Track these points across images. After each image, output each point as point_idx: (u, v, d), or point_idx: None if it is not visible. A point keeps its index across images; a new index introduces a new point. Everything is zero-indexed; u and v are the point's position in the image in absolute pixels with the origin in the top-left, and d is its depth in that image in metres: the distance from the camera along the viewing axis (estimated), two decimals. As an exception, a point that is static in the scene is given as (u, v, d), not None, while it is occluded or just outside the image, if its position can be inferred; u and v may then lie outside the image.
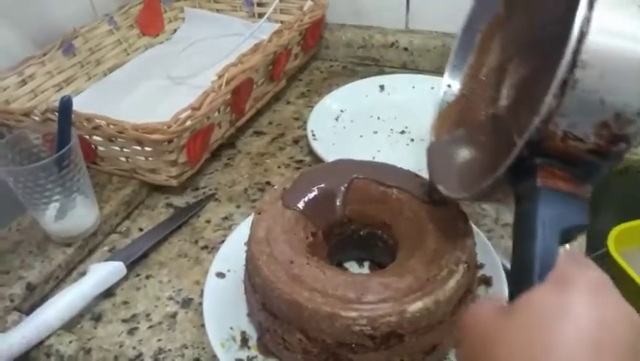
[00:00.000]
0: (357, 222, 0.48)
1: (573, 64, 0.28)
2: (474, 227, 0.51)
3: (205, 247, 0.56)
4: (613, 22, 0.28)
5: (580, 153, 0.30)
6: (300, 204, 0.46)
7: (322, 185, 0.48)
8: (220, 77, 0.61)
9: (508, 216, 0.57)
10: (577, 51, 0.28)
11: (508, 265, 0.50)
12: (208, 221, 0.59)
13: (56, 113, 0.53)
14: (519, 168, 0.31)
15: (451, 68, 0.48)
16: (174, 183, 0.61)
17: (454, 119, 0.48)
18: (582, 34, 0.28)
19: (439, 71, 0.81)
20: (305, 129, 0.69)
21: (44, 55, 0.72)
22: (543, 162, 0.30)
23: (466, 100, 0.48)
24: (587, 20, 0.28)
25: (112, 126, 0.56)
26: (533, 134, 0.30)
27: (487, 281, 0.47)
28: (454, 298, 0.39)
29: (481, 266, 0.48)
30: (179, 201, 0.62)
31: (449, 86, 0.48)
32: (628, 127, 0.29)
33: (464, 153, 0.43)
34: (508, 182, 0.32)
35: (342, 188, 0.48)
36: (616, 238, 0.60)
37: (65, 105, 0.51)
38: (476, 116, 0.45)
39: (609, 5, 0.28)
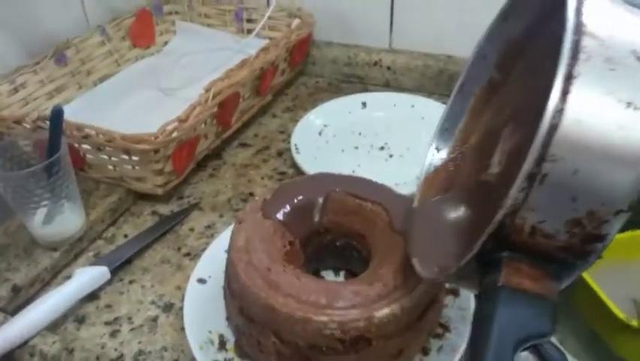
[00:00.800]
0: (333, 232, 0.51)
1: (542, 157, 0.26)
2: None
3: (187, 254, 0.58)
4: (591, 113, 0.26)
5: (550, 250, 0.28)
6: (279, 215, 0.48)
7: (301, 197, 0.50)
8: (207, 90, 0.63)
9: (479, 231, 0.59)
10: (546, 144, 0.25)
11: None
12: (191, 229, 0.62)
13: (47, 122, 0.55)
14: (485, 260, 0.29)
15: (440, 130, 0.45)
16: (160, 191, 0.63)
17: (440, 184, 0.45)
18: (553, 127, 0.25)
19: (419, 90, 0.85)
20: (289, 142, 0.72)
21: (37, 64, 0.74)
22: (510, 257, 0.29)
23: (455, 165, 0.45)
24: (560, 111, 0.25)
25: (101, 135, 0.58)
26: (498, 227, 0.28)
27: (454, 292, 0.49)
28: (420, 305, 0.41)
29: (450, 277, 0.51)
30: (164, 209, 0.64)
31: (437, 149, 0.45)
32: (603, 227, 0.27)
33: (444, 225, 0.40)
34: (474, 273, 0.30)
35: (320, 200, 0.50)
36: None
37: (57, 114, 0.53)
38: (464, 182, 0.42)
39: (589, 94, 0.26)
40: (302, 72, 0.93)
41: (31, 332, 0.49)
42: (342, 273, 0.54)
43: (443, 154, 0.45)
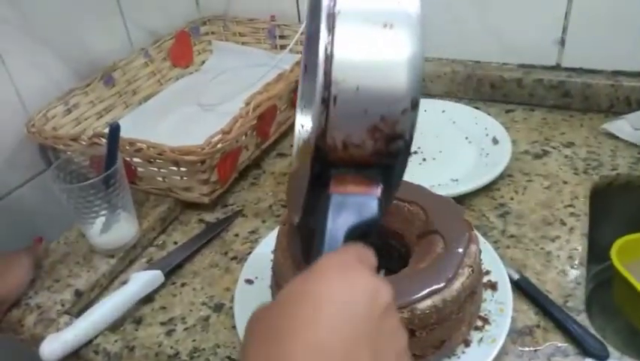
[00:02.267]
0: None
1: (327, 83, 0.31)
2: (481, 237, 0.56)
3: (234, 258, 0.62)
4: (356, 38, 0.31)
5: (366, 157, 0.33)
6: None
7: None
8: (247, 104, 0.67)
9: (514, 229, 0.61)
10: (327, 71, 0.31)
11: (514, 274, 0.54)
12: (236, 235, 0.65)
13: (102, 138, 0.59)
14: (320, 183, 0.34)
15: (300, 108, 0.50)
16: (206, 200, 0.67)
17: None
18: (328, 56, 0.31)
19: (449, 96, 0.87)
20: (324, 151, 0.75)
21: (87, 86, 0.80)
22: (337, 172, 0.33)
23: None
24: (330, 43, 0.31)
25: (152, 149, 0.62)
26: (314, 150, 0.32)
27: (493, 286, 0.51)
28: (460, 297, 0.43)
29: (488, 273, 0.52)
30: (210, 217, 0.68)
31: (302, 125, 0.49)
32: (397, 126, 0.32)
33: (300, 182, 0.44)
34: (316, 198, 0.34)
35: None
36: (619, 251, 0.63)
37: (115, 130, 0.57)
38: None
39: (351, 24, 0.31)
40: (334, 84, 0.96)
41: (95, 332, 0.53)
42: (382, 272, 0.56)
43: (307, 128, 0.49)
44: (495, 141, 0.72)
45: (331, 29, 0.31)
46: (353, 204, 0.33)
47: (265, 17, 0.96)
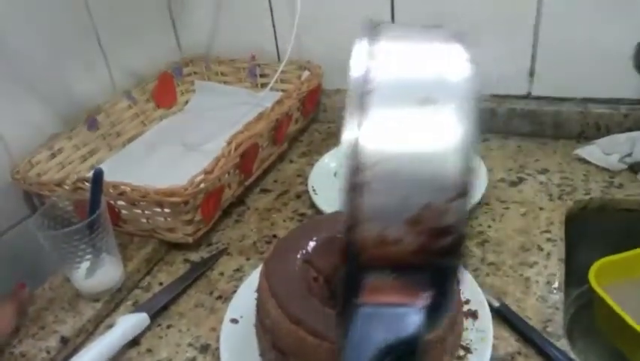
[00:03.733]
0: (354, 266, 0.54)
1: (358, 168, 0.26)
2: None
3: (219, 297, 0.62)
4: (393, 119, 0.27)
5: (408, 257, 0.27)
6: (304, 253, 0.52)
7: (322, 235, 0.54)
8: (229, 143, 0.69)
9: (493, 256, 0.62)
10: (358, 156, 0.26)
11: (494, 302, 0.55)
12: (221, 273, 0.66)
13: (86, 183, 0.60)
14: (353, 287, 0.28)
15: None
16: (190, 240, 0.67)
17: None
18: (355, 140, 0.26)
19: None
20: (307, 185, 0.76)
21: (71, 130, 0.81)
22: (370, 276, 0.28)
23: None
24: (361, 124, 0.27)
25: (135, 192, 0.63)
26: (347, 246, 0.27)
27: (473, 315, 0.52)
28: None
29: (468, 302, 0.54)
30: (194, 256, 0.69)
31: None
32: (444, 218, 0.26)
33: None
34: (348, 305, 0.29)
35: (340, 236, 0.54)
36: (597, 273, 0.65)
37: (98, 175, 0.58)
38: None
39: (387, 102, 0.27)
40: (314, 119, 0.98)
41: (81, 378, 0.52)
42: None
43: None
44: (471, 171, 0.74)
45: (362, 109, 0.27)
46: (387, 318, 0.27)
47: (246, 57, 0.99)
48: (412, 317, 0.27)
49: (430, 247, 0.27)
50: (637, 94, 0.80)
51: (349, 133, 0.27)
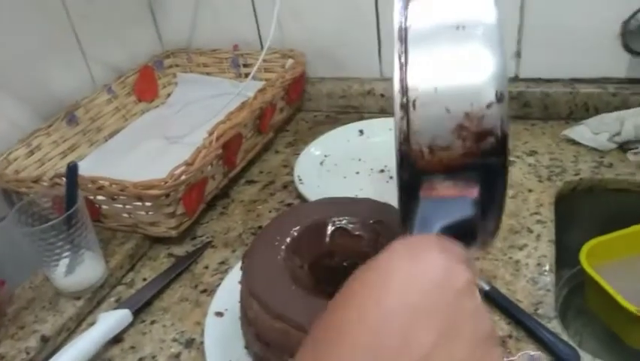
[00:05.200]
0: (340, 254, 0.53)
1: (405, 89, 0.31)
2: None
3: (204, 291, 0.61)
4: (430, 43, 0.31)
5: (456, 160, 0.31)
6: (287, 241, 0.51)
7: (306, 223, 0.53)
8: (211, 134, 0.67)
9: (482, 240, 0.61)
10: (403, 78, 0.31)
11: (484, 286, 0.54)
12: (206, 267, 0.64)
13: (63, 178, 0.59)
14: (412, 193, 0.32)
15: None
16: (173, 233, 0.66)
17: None
18: (402, 63, 0.31)
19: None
20: (293, 175, 0.75)
21: (49, 126, 0.79)
22: (427, 179, 0.32)
23: None
24: (404, 51, 0.31)
25: (114, 185, 0.61)
26: (401, 158, 0.31)
27: (462, 300, 0.51)
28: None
29: (457, 286, 0.52)
30: (179, 250, 0.67)
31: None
32: (484, 121, 0.30)
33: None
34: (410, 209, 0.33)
35: (325, 224, 0.53)
36: (588, 254, 0.64)
37: (72, 170, 0.56)
38: None
39: (424, 30, 0.32)
40: (300, 108, 0.97)
41: (62, 378, 0.51)
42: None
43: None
44: (459, 155, 0.73)
45: (404, 39, 0.31)
46: (444, 207, 0.31)
47: (228, 47, 0.97)
48: (465, 206, 0.31)
49: (475, 149, 0.30)
50: (625, 73, 0.79)
51: (396, 59, 0.31)
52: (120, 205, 0.65)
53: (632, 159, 0.71)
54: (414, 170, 0.32)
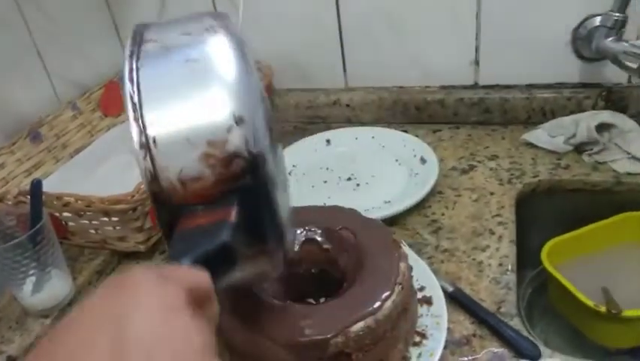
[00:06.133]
0: (308, 261, 0.54)
1: (142, 127, 0.30)
2: (414, 254, 0.57)
3: None
4: (162, 80, 0.32)
5: (211, 189, 0.31)
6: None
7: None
8: (177, 147, 0.67)
9: (447, 243, 0.63)
10: (138, 117, 0.31)
11: (448, 287, 0.56)
12: (176, 279, 0.64)
13: (27, 196, 0.58)
14: (170, 229, 0.32)
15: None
16: (142, 248, 0.66)
17: None
18: (136, 103, 0.31)
19: (378, 122, 0.90)
20: (261, 186, 0.75)
21: (13, 144, 0.78)
22: (184, 212, 0.31)
23: None
24: (136, 91, 0.31)
25: (80, 201, 0.61)
26: (153, 198, 0.31)
27: (428, 301, 0.53)
28: (392, 315, 0.44)
29: (423, 288, 0.54)
30: (148, 264, 0.67)
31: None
32: (228, 146, 0.30)
33: None
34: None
35: (293, 232, 0.54)
36: (549, 253, 0.66)
37: (36, 187, 0.56)
38: None
39: (155, 70, 0.32)
40: (268, 120, 0.97)
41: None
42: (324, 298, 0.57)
43: None
44: (423, 161, 0.75)
45: (135, 80, 0.32)
46: (196, 235, 0.30)
47: (194, 61, 0.98)
48: (222, 231, 0.30)
49: (227, 174, 0.31)
50: (578, 78, 0.82)
51: (128, 100, 0.31)
52: (87, 221, 0.64)
53: (587, 160, 0.74)
54: (172, 207, 0.31)
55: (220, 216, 0.31)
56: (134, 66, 0.32)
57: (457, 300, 0.54)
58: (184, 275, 0.27)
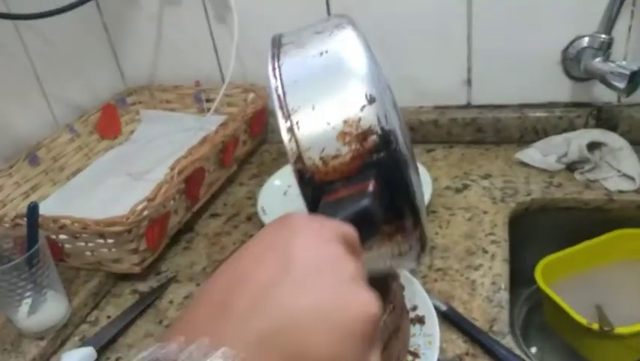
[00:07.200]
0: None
1: (287, 114, 0.35)
2: (408, 274, 0.58)
3: (169, 326, 0.61)
4: (301, 71, 0.36)
5: (349, 164, 0.34)
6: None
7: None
8: (172, 169, 0.68)
9: (440, 262, 0.63)
10: (284, 105, 0.35)
11: (441, 306, 0.56)
12: (171, 301, 0.64)
13: (24, 219, 0.59)
14: (318, 204, 0.34)
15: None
16: (137, 270, 0.66)
17: None
18: (280, 95, 0.35)
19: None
20: (257, 207, 0.76)
21: (11, 167, 0.79)
22: (327, 189, 0.34)
23: None
24: (280, 86, 0.36)
25: (76, 224, 0.62)
26: (299, 176, 0.34)
27: (420, 320, 0.53)
28: (384, 335, 0.45)
29: (415, 308, 0.54)
30: (143, 286, 0.67)
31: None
32: (361, 123, 0.34)
33: None
34: None
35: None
36: (543, 271, 0.67)
37: (32, 210, 0.57)
38: None
39: (294, 62, 0.37)
40: (264, 141, 0.98)
41: (23, 421, 0.50)
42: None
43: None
44: (416, 180, 0.76)
45: (277, 74, 0.36)
46: (341, 202, 0.33)
47: (190, 83, 0.99)
48: (360, 198, 0.32)
49: (362, 150, 0.34)
50: (569, 97, 0.83)
51: (274, 93, 0.36)
52: (83, 243, 0.65)
53: (578, 178, 0.75)
54: (314, 183, 0.35)
55: (360, 188, 0.33)
56: (276, 65, 0.37)
57: (450, 319, 0.55)
58: (336, 224, 0.29)
